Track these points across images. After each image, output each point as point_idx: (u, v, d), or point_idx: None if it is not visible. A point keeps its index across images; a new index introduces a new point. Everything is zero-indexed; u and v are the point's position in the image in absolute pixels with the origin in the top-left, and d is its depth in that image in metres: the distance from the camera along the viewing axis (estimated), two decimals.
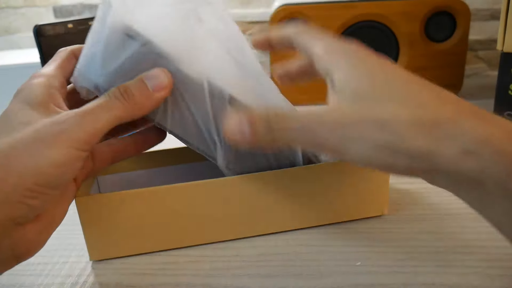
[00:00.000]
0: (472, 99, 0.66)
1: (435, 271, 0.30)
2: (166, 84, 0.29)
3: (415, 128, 0.24)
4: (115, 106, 0.28)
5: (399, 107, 0.24)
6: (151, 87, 0.29)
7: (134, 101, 0.28)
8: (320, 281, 0.30)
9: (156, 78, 0.29)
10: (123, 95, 0.28)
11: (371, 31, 0.65)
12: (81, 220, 0.32)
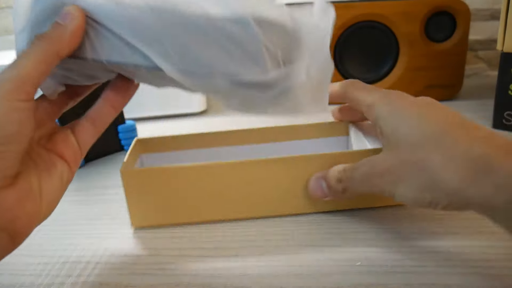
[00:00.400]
0: (472, 99, 0.66)
1: (435, 271, 0.30)
2: (77, 14, 0.28)
3: (449, 166, 0.27)
4: (35, 50, 0.28)
5: (435, 149, 0.28)
6: (62, 21, 0.28)
7: (51, 39, 0.28)
8: (320, 281, 0.30)
9: (65, 13, 0.29)
10: (39, 39, 0.28)
11: (371, 31, 0.65)
12: (125, 191, 0.36)
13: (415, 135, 0.29)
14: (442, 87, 0.66)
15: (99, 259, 0.33)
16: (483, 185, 0.25)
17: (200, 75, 0.28)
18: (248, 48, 0.27)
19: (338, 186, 0.33)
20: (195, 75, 0.28)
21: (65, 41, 0.29)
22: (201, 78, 0.28)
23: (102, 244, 0.35)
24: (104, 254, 0.34)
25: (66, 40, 0.29)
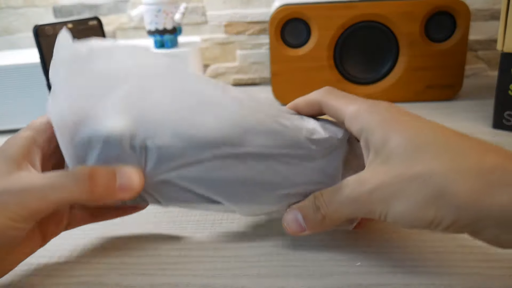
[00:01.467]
0: (472, 99, 0.66)
1: (435, 271, 0.30)
2: (135, 187, 0.29)
3: (458, 178, 0.24)
4: (71, 190, 0.27)
5: (437, 160, 0.24)
6: (119, 184, 0.28)
7: (95, 192, 0.27)
8: (320, 281, 0.30)
9: (128, 179, 0.28)
10: (87, 180, 0.27)
11: (371, 31, 0.65)
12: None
13: (411, 147, 0.26)
14: (442, 87, 0.66)
15: (99, 259, 0.33)
16: (501, 196, 0.22)
17: (263, 206, 0.32)
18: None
19: (316, 215, 0.29)
20: (258, 206, 0.32)
21: (104, 202, 0.29)
22: (263, 207, 0.32)
23: (102, 244, 0.35)
24: (105, 254, 0.34)
25: (105, 202, 0.30)
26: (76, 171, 0.28)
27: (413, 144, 0.26)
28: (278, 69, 0.67)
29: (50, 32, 0.47)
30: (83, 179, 0.27)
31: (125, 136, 0.29)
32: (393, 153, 0.26)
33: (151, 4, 0.62)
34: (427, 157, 0.25)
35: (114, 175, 0.28)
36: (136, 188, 0.29)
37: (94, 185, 0.27)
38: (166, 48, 0.65)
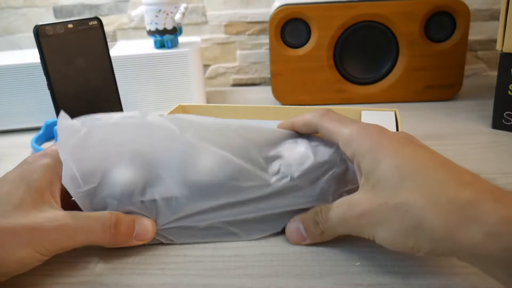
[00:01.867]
0: (471, 99, 0.66)
1: (435, 271, 0.30)
2: (149, 237, 0.33)
3: (434, 211, 0.25)
4: (97, 235, 0.31)
5: (418, 191, 0.26)
6: (136, 234, 0.32)
7: (116, 239, 0.31)
8: (320, 281, 0.30)
9: (144, 229, 0.33)
10: (111, 229, 0.31)
11: (371, 31, 0.65)
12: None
13: (396, 175, 0.27)
14: (442, 87, 0.66)
15: (99, 259, 0.33)
16: (472, 232, 0.23)
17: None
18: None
19: (316, 229, 0.32)
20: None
21: (119, 245, 0.33)
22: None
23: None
24: (104, 254, 0.34)
25: (120, 245, 0.33)
26: (103, 217, 0.31)
27: (398, 173, 0.27)
28: (278, 69, 0.67)
29: (50, 32, 0.47)
30: (109, 226, 0.31)
31: (136, 193, 0.33)
32: (380, 180, 0.28)
33: (151, 4, 0.62)
34: (409, 188, 0.26)
35: (133, 225, 0.32)
36: (150, 238, 0.33)
37: (117, 233, 0.31)
38: (166, 48, 0.65)
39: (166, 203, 0.34)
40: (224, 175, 0.33)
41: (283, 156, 0.35)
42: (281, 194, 0.34)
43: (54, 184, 0.31)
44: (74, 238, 0.30)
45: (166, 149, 0.34)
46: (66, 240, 0.30)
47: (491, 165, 0.46)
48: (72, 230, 0.30)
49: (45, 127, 0.59)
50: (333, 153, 0.35)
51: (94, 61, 0.51)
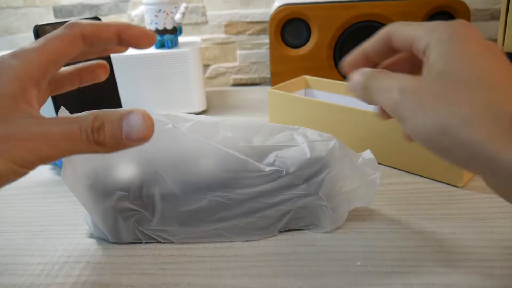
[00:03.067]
0: None
1: (435, 271, 0.30)
2: (144, 134, 0.27)
3: (484, 121, 0.23)
4: (80, 141, 0.26)
5: (475, 95, 0.23)
6: (125, 133, 0.26)
7: (102, 144, 0.26)
8: (320, 281, 0.30)
9: (136, 125, 0.26)
10: (93, 132, 0.26)
11: (371, 31, 0.64)
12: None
13: (462, 74, 0.24)
14: None
15: (99, 259, 0.33)
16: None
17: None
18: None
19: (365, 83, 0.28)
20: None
21: (109, 150, 0.27)
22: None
23: (102, 244, 0.35)
24: (105, 254, 0.34)
25: (111, 150, 0.27)
26: (85, 121, 0.26)
27: (465, 73, 0.25)
28: (278, 69, 0.67)
29: (50, 32, 0.47)
30: (91, 129, 0.26)
31: (132, 189, 0.33)
32: (444, 73, 0.25)
33: (151, 4, 0.62)
34: (467, 89, 0.24)
35: (120, 124, 0.26)
36: (145, 135, 0.27)
37: (102, 136, 0.26)
38: (166, 48, 0.65)
39: (163, 197, 0.34)
40: (220, 168, 0.33)
41: (279, 149, 0.35)
42: (276, 191, 0.34)
43: (28, 90, 0.27)
44: (55, 146, 0.26)
45: (162, 143, 0.33)
46: (46, 149, 0.25)
47: None
48: (51, 138, 0.25)
49: None
50: (330, 150, 0.34)
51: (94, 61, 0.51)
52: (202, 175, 0.33)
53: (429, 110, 0.24)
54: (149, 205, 0.34)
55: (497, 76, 0.24)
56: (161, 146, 0.34)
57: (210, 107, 0.71)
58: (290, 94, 0.53)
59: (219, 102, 0.74)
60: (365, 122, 0.45)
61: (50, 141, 0.25)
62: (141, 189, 0.34)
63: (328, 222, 0.35)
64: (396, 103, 0.26)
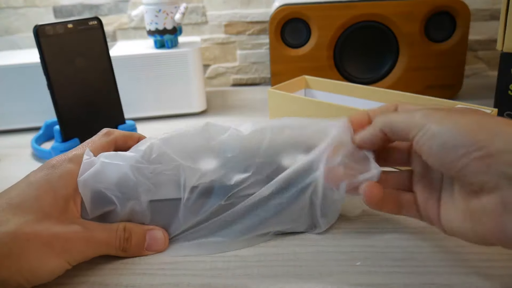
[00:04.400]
0: (472, 99, 0.66)
1: (435, 271, 0.30)
2: (160, 248, 0.33)
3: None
4: (114, 247, 0.32)
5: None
6: (147, 246, 0.33)
7: (127, 251, 0.32)
8: (320, 281, 0.30)
9: (155, 241, 0.33)
10: (124, 241, 0.32)
11: (371, 31, 0.65)
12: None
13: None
14: (442, 87, 0.66)
15: (99, 259, 0.33)
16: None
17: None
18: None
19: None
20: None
21: (130, 256, 0.33)
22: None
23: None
24: (104, 254, 0.34)
25: (137, 255, 0.33)
26: (119, 231, 0.32)
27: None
28: (278, 69, 0.67)
29: (50, 32, 0.47)
30: (123, 239, 0.32)
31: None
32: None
33: (151, 4, 0.62)
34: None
35: (144, 237, 0.33)
36: (162, 248, 0.34)
37: (129, 245, 0.32)
38: (166, 48, 0.65)
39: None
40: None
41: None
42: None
43: (77, 193, 0.32)
44: (97, 250, 0.31)
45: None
46: (91, 251, 0.31)
47: None
48: (96, 243, 0.31)
49: (45, 127, 0.59)
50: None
51: (94, 61, 0.51)
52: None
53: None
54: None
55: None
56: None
57: (210, 107, 0.71)
58: (290, 94, 0.53)
59: (219, 102, 0.74)
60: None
61: (94, 245, 0.31)
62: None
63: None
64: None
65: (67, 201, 0.31)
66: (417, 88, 0.66)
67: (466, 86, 0.71)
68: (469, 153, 0.25)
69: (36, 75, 0.59)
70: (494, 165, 0.25)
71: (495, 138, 0.25)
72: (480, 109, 0.45)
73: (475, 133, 0.25)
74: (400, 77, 0.66)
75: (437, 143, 0.27)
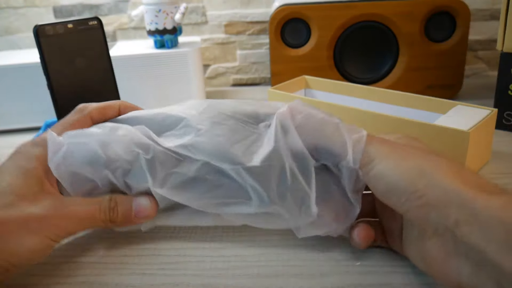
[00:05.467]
0: (472, 99, 0.66)
1: None
2: (149, 213, 0.33)
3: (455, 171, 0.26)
4: (99, 219, 0.32)
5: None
6: (135, 213, 0.33)
7: (115, 221, 0.32)
8: (320, 281, 0.30)
9: (142, 207, 0.33)
10: (110, 212, 0.32)
11: (371, 31, 0.65)
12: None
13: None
14: (442, 87, 0.66)
15: (99, 259, 0.33)
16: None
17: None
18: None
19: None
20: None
21: (122, 226, 0.33)
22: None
23: (102, 244, 0.35)
24: (104, 254, 0.34)
25: (123, 226, 0.33)
26: (103, 203, 0.32)
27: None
28: (278, 69, 0.67)
29: (50, 32, 0.47)
30: (108, 209, 0.32)
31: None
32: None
33: (151, 4, 0.62)
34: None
35: (131, 206, 0.33)
36: (150, 213, 0.33)
37: (116, 215, 0.32)
38: (166, 48, 0.65)
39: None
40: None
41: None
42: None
43: (50, 173, 0.32)
44: (80, 224, 0.31)
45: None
46: (72, 226, 0.31)
47: (491, 165, 0.46)
48: (77, 217, 0.31)
49: (45, 127, 0.59)
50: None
51: (94, 61, 0.51)
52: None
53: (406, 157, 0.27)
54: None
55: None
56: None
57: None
58: (290, 94, 0.53)
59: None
60: (365, 122, 0.45)
61: (76, 220, 0.31)
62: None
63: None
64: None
65: (40, 182, 0.31)
66: (417, 88, 0.66)
67: (466, 86, 0.71)
68: (410, 200, 0.26)
69: (36, 75, 0.59)
70: (433, 214, 0.25)
71: (435, 189, 0.25)
72: (480, 108, 0.45)
73: (416, 180, 0.26)
74: (400, 77, 0.66)
75: (382, 183, 0.28)
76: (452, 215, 0.24)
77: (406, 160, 0.27)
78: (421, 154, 0.28)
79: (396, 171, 0.27)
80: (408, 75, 0.65)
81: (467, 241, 0.23)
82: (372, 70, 0.67)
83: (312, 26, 0.65)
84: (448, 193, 0.25)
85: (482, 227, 0.23)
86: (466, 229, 0.23)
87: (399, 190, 0.27)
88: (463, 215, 0.24)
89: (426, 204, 0.25)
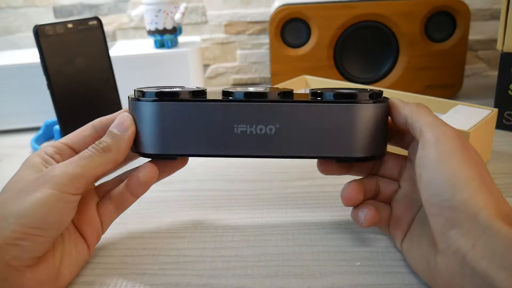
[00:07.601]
0: (472, 99, 0.66)
1: None
2: (129, 123, 0.32)
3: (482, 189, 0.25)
4: (92, 155, 0.31)
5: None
6: (118, 131, 0.32)
7: (112, 152, 0.31)
8: (320, 281, 0.30)
9: (120, 122, 0.32)
10: (103, 151, 0.31)
11: (371, 31, 0.65)
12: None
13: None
14: (442, 87, 0.66)
15: (99, 259, 0.33)
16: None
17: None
18: None
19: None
20: None
21: (125, 150, 0.32)
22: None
23: (102, 244, 0.35)
24: (104, 254, 0.34)
25: (126, 150, 0.32)
26: (92, 147, 0.31)
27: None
28: (278, 69, 0.67)
29: (50, 32, 0.47)
30: (100, 150, 0.31)
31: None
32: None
33: (151, 4, 0.62)
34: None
35: (112, 132, 0.32)
36: (129, 121, 0.32)
37: (108, 149, 0.31)
38: (166, 48, 0.65)
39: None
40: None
41: None
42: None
43: (48, 161, 0.31)
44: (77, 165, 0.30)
45: None
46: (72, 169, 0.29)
47: (492, 165, 0.46)
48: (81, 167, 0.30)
49: (45, 127, 0.59)
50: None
51: (94, 61, 0.51)
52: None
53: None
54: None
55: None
56: None
57: None
58: None
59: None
60: None
61: (73, 164, 0.29)
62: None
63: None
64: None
65: (37, 167, 0.30)
66: (417, 88, 0.66)
67: (466, 86, 0.71)
68: (441, 207, 0.25)
69: (36, 75, 0.59)
70: (453, 232, 0.25)
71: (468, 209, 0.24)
72: (480, 108, 0.45)
73: (456, 191, 0.25)
74: (400, 77, 0.66)
75: (426, 175, 0.27)
76: (471, 238, 0.24)
77: (461, 166, 0.26)
78: (474, 163, 0.26)
79: (445, 170, 0.26)
80: (408, 75, 0.65)
81: (476, 266, 0.23)
82: (372, 70, 0.67)
83: (312, 26, 0.65)
84: (478, 221, 0.24)
85: (496, 256, 0.22)
86: (479, 254, 0.23)
87: (438, 191, 0.26)
88: (482, 242, 0.23)
89: (452, 219, 0.25)
